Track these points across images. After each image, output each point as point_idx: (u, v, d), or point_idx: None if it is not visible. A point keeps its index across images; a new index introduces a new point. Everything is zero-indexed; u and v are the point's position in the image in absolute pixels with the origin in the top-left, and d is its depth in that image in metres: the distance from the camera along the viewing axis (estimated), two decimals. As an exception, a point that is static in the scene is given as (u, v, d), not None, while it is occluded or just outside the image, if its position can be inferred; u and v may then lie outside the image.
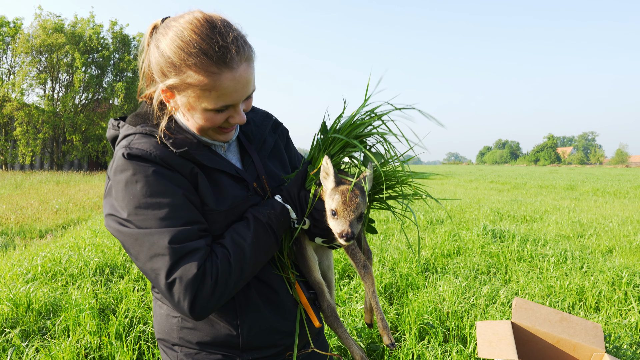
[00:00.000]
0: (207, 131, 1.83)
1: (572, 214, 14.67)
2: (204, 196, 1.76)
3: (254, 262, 1.73)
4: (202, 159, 1.78)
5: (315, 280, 2.03)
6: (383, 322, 1.89)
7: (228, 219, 1.81)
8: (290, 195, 1.87)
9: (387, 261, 7.69)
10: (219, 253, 1.67)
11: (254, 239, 1.73)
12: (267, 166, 2.06)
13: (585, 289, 6.29)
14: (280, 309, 1.95)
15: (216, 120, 1.74)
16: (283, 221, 1.81)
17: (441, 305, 5.58)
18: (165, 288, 1.59)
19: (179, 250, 1.58)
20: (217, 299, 1.62)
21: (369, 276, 1.88)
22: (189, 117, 1.79)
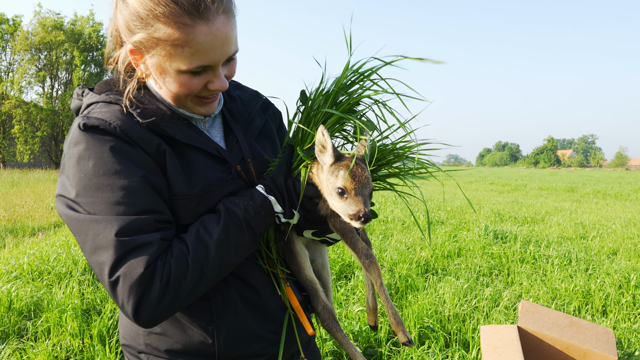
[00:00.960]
0: (184, 101, 1.59)
1: (574, 216, 14.47)
2: (173, 179, 1.51)
3: (220, 263, 1.48)
4: (174, 133, 1.54)
5: (306, 278, 1.78)
6: (396, 318, 1.61)
7: (202, 205, 1.56)
8: (276, 184, 1.62)
9: (386, 262, 7.47)
10: (176, 250, 1.43)
11: (222, 236, 1.48)
12: (254, 148, 1.82)
13: (592, 292, 6.07)
14: (264, 312, 1.70)
15: (193, 85, 1.51)
16: (264, 216, 1.57)
17: (442, 308, 5.35)
18: (109, 287, 1.35)
19: (126, 243, 1.34)
20: (168, 304, 1.38)
21: (374, 267, 1.61)
22: (161, 84, 1.55)
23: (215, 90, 1.56)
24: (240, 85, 2.00)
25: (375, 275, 1.61)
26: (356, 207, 1.46)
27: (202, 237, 1.47)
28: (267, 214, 1.58)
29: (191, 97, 1.58)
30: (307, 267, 1.80)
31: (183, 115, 1.65)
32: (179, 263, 1.40)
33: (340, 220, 1.64)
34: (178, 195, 1.52)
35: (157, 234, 1.41)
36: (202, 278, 1.44)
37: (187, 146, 1.59)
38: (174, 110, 1.62)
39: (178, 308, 1.44)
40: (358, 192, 1.49)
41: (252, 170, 1.75)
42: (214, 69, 1.51)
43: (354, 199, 1.48)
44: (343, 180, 1.49)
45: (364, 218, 1.45)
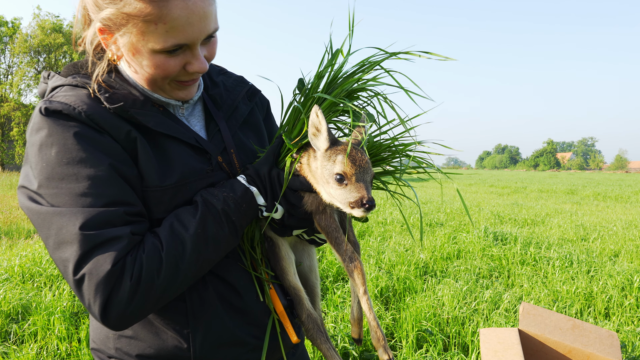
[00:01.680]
0: (162, 84, 1.47)
1: (574, 218, 14.34)
2: (145, 169, 1.39)
3: (197, 259, 1.36)
4: (145, 120, 1.41)
5: (290, 285, 1.66)
6: (378, 332, 1.46)
7: (177, 198, 1.44)
8: (259, 175, 1.50)
9: (384, 264, 7.34)
10: (148, 245, 1.30)
11: (199, 229, 1.36)
12: (237, 137, 1.70)
13: (594, 294, 5.94)
14: (245, 315, 1.58)
15: (169, 66, 1.38)
16: (245, 208, 1.45)
17: (440, 310, 5.22)
18: (74, 285, 1.23)
19: (92, 237, 1.22)
20: (139, 304, 1.26)
21: (358, 271, 1.47)
22: (135, 66, 1.42)
23: (194, 72, 1.44)
24: (225, 71, 1.88)
25: (358, 281, 1.48)
26: (358, 193, 1.34)
27: (177, 231, 1.35)
28: (249, 207, 1.46)
29: (169, 81, 1.46)
30: (292, 272, 1.67)
31: (158, 102, 1.53)
32: (152, 259, 1.28)
33: (325, 217, 1.51)
34: (151, 186, 1.41)
35: (126, 228, 1.29)
36: (177, 276, 1.32)
37: (161, 135, 1.47)
38: (148, 96, 1.50)
39: (151, 309, 1.32)
40: (359, 177, 1.37)
41: (235, 161, 1.63)
42: (192, 49, 1.39)
43: (354, 185, 1.36)
44: (342, 165, 1.37)
45: (368, 205, 1.32)
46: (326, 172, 1.40)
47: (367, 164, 1.40)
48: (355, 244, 1.60)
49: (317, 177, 1.45)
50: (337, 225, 1.51)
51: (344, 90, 1.54)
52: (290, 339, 1.65)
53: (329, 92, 1.54)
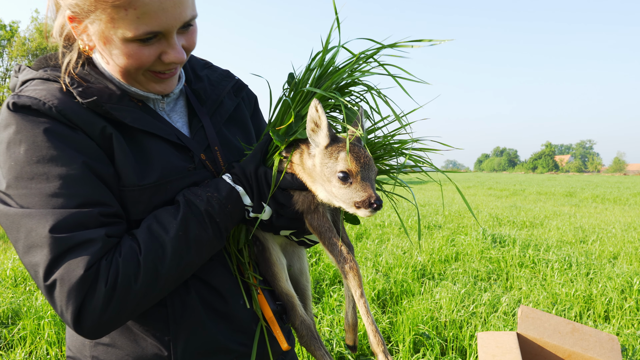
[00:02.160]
0: (136, 76, 1.38)
1: (573, 220, 14.28)
2: (121, 167, 1.31)
3: (179, 263, 1.28)
4: (121, 116, 1.33)
5: (283, 291, 1.58)
6: (377, 336, 1.37)
7: (156, 198, 1.36)
8: (245, 174, 1.42)
9: (381, 266, 7.26)
10: (125, 248, 1.23)
11: (180, 232, 1.28)
12: (222, 134, 1.62)
13: (594, 297, 5.87)
14: (231, 321, 1.50)
15: (143, 56, 1.30)
16: (231, 209, 1.37)
17: (438, 313, 5.14)
18: (45, 292, 1.15)
19: (63, 240, 1.15)
20: (115, 312, 1.18)
21: (354, 273, 1.39)
22: (107, 57, 1.34)
23: (171, 62, 1.36)
24: (210, 64, 1.80)
25: (354, 284, 1.40)
26: (364, 192, 1.27)
27: (156, 233, 1.27)
28: (234, 208, 1.38)
29: (143, 72, 1.37)
30: (284, 278, 1.59)
31: (137, 96, 1.45)
32: (129, 263, 1.20)
33: (318, 216, 1.43)
34: (128, 186, 1.33)
35: (101, 230, 1.22)
36: (157, 281, 1.24)
37: (139, 131, 1.39)
38: (125, 90, 1.42)
39: (128, 316, 1.24)
40: (364, 176, 1.30)
41: (220, 159, 1.55)
42: (167, 37, 1.31)
43: (360, 184, 1.28)
44: (346, 162, 1.29)
45: (376, 205, 1.25)
46: (327, 170, 1.32)
47: (371, 161, 1.34)
48: (348, 245, 1.52)
49: (315, 175, 1.38)
50: (330, 225, 1.44)
51: (334, 84, 1.46)
52: (280, 346, 1.58)
53: (319, 85, 1.46)
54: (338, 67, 1.47)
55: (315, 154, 1.38)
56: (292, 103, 1.47)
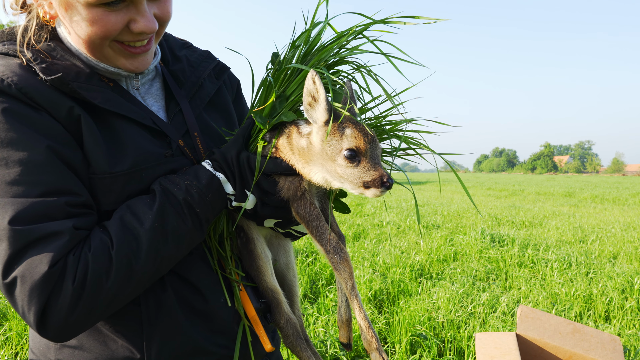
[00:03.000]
0: (102, 48, 1.26)
1: (572, 220, 14.18)
2: (91, 152, 1.20)
3: (155, 257, 1.17)
4: (90, 96, 1.22)
5: (267, 287, 1.47)
6: (370, 333, 1.28)
7: (130, 187, 1.25)
8: (226, 160, 1.31)
9: (378, 266, 7.15)
10: (95, 242, 1.12)
11: (156, 223, 1.17)
12: (202, 119, 1.51)
13: (594, 297, 5.77)
14: (210, 321, 1.39)
15: (109, 23, 1.18)
16: (211, 198, 1.26)
17: (436, 314, 5.03)
18: (5, 290, 1.04)
19: (25, 233, 1.04)
20: (84, 312, 1.07)
21: (345, 264, 1.29)
22: (70, 27, 1.22)
23: (141, 32, 1.23)
24: (189, 45, 1.68)
25: (345, 275, 1.29)
26: (375, 171, 1.18)
27: (130, 225, 1.16)
28: (216, 197, 1.28)
29: (110, 43, 1.25)
30: (269, 273, 1.48)
31: (107, 74, 1.34)
32: (99, 258, 1.10)
33: (305, 203, 1.33)
34: (98, 173, 1.22)
35: (68, 222, 1.11)
36: (131, 277, 1.13)
37: (111, 114, 1.28)
38: (94, 68, 1.31)
39: (99, 317, 1.13)
40: (373, 153, 1.20)
41: (200, 145, 1.44)
42: (136, 3, 1.20)
43: (369, 162, 1.19)
44: (354, 139, 1.19)
45: (389, 183, 1.17)
46: (331, 149, 1.22)
47: (375, 137, 1.24)
48: (339, 234, 1.41)
49: (312, 155, 1.27)
50: (319, 212, 1.33)
51: (321, 61, 1.36)
52: (264, 347, 1.47)
53: (304, 63, 1.36)
54: (325, 44, 1.37)
55: (312, 131, 1.28)
56: (275, 82, 1.37)
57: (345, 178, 1.22)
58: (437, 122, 1.37)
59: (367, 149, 1.20)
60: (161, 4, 1.29)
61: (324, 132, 1.24)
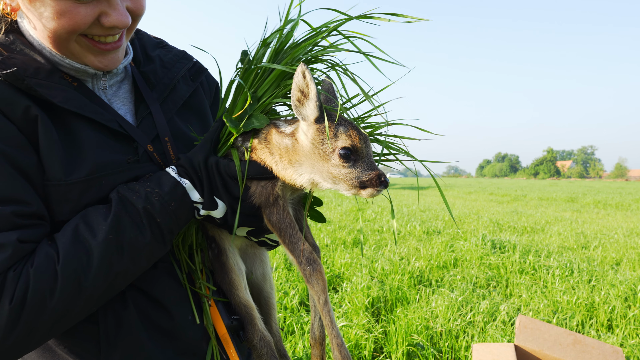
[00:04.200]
0: (69, 44, 1.17)
1: (574, 226, 14.04)
2: (47, 157, 1.10)
3: (108, 273, 1.07)
4: (49, 94, 1.12)
5: (240, 301, 1.36)
6: (342, 351, 1.18)
7: (87, 196, 1.15)
8: (193, 165, 1.22)
9: (377, 273, 7.04)
10: (40, 257, 1.02)
11: (110, 235, 1.07)
12: (174, 123, 1.41)
13: (596, 305, 5.64)
14: (177, 340, 1.28)
15: (78, 16, 1.10)
16: (175, 207, 1.16)
17: (434, 323, 4.92)
18: None
19: None
20: (24, 334, 0.97)
21: (318, 276, 1.20)
22: (35, 20, 1.14)
23: (113, 26, 1.15)
24: (164, 44, 1.58)
25: (318, 288, 1.20)
26: (372, 170, 1.12)
27: (81, 237, 1.06)
28: (180, 205, 1.17)
29: (77, 37, 1.16)
30: (242, 286, 1.38)
31: (72, 71, 1.24)
32: (42, 275, 0.99)
33: (277, 210, 1.23)
34: (53, 180, 1.12)
35: (13, 234, 1.01)
36: (80, 295, 1.03)
37: (72, 115, 1.18)
38: (57, 64, 1.21)
39: (42, 338, 1.02)
40: (368, 152, 1.14)
41: (171, 151, 1.35)
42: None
43: (365, 161, 1.13)
44: (349, 138, 1.12)
45: (387, 181, 1.11)
46: (323, 148, 1.15)
47: (367, 137, 1.18)
48: (313, 246, 1.32)
49: (300, 155, 1.18)
50: (292, 220, 1.24)
51: (295, 60, 1.27)
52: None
53: (277, 62, 1.27)
54: (298, 41, 1.28)
55: (299, 129, 1.19)
56: (246, 82, 1.28)
57: (340, 178, 1.14)
58: (418, 128, 1.28)
59: (362, 147, 1.14)
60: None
61: (314, 130, 1.16)
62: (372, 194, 1.13)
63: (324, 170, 1.16)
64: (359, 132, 1.15)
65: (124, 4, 1.18)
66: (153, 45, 1.56)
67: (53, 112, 1.17)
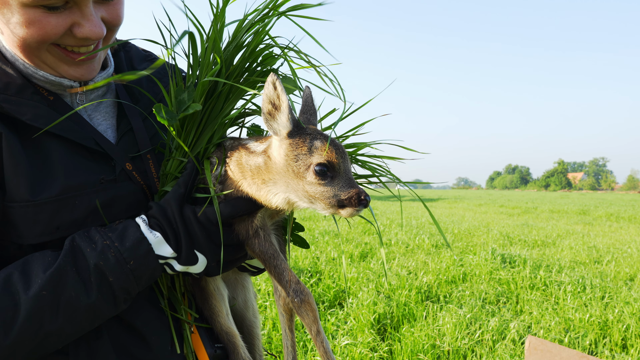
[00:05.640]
0: (40, 53, 1.10)
1: (586, 239, 13.79)
2: (9, 177, 1.03)
3: (37, 333, 0.95)
4: (16, 110, 1.05)
5: (222, 329, 1.28)
6: None
7: (59, 218, 1.07)
8: (167, 216, 1.10)
9: (383, 287, 6.91)
10: None
11: (44, 291, 0.96)
12: (159, 139, 1.34)
13: (610, 323, 5.47)
14: None
15: (48, 26, 1.03)
16: (134, 266, 1.04)
17: (441, 341, 4.78)
18: None
19: None
20: None
21: (307, 307, 1.12)
22: (4, 27, 1.07)
23: (85, 38, 1.08)
24: (153, 57, 1.52)
25: (309, 320, 1.12)
26: (351, 187, 1.02)
27: (12, 288, 0.95)
28: (142, 264, 1.05)
29: (48, 47, 1.09)
30: (224, 313, 1.29)
31: (47, 85, 1.17)
32: None
33: (259, 241, 1.15)
34: (20, 201, 1.05)
35: None
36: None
37: (44, 133, 1.12)
38: (30, 77, 1.14)
39: None
40: (346, 167, 1.05)
41: (152, 169, 1.27)
42: (80, 5, 1.04)
43: (343, 177, 1.03)
44: (324, 153, 1.03)
45: (366, 200, 1.01)
46: (297, 165, 1.05)
47: (345, 151, 1.08)
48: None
49: (273, 174, 1.09)
50: (276, 250, 1.16)
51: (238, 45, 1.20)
52: None
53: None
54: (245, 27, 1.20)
55: (271, 145, 1.10)
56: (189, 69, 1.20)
57: (317, 197, 1.05)
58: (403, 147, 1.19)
59: (340, 163, 1.04)
60: (110, 7, 1.14)
61: (287, 146, 1.07)
62: (351, 214, 1.03)
63: (299, 189, 1.07)
64: (335, 147, 1.06)
65: (98, 14, 1.11)
66: (141, 58, 1.49)
67: (22, 129, 1.10)
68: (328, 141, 1.05)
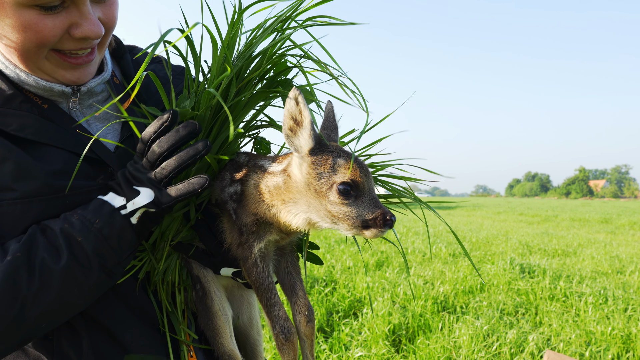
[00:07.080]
0: (38, 60, 1.08)
1: (608, 248, 13.48)
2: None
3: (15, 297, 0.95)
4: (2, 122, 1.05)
5: (225, 351, 1.24)
6: None
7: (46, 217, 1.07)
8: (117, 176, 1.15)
9: (399, 298, 6.81)
10: None
11: (19, 252, 0.98)
12: None
13: (633, 337, 5.30)
14: None
15: (45, 28, 1.01)
16: (100, 225, 1.05)
17: (456, 354, 4.68)
18: None
19: None
20: None
21: (289, 346, 1.10)
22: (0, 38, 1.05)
23: (84, 37, 1.06)
24: (161, 59, 1.50)
25: (289, 358, 1.10)
26: (376, 207, 0.98)
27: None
28: (108, 223, 1.05)
29: (48, 53, 1.07)
30: (227, 334, 1.25)
31: (39, 91, 1.15)
32: None
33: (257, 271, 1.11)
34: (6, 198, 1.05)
35: None
36: None
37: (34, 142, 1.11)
38: (22, 83, 1.12)
39: None
40: (370, 187, 1.01)
41: None
42: (77, 4, 1.02)
43: (367, 197, 0.99)
44: (348, 172, 0.99)
45: (392, 220, 0.96)
46: (320, 183, 1.01)
47: (368, 168, 1.05)
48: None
49: (293, 192, 1.06)
50: (271, 282, 1.13)
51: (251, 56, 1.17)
52: None
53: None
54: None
55: (292, 162, 1.07)
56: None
57: (340, 218, 1.00)
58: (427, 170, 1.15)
59: (364, 182, 1.00)
60: (106, 8, 1.13)
61: (309, 163, 1.03)
62: (375, 235, 0.99)
63: (321, 209, 1.03)
64: (359, 165, 1.01)
65: (96, 14, 1.09)
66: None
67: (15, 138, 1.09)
68: (352, 159, 1.01)
